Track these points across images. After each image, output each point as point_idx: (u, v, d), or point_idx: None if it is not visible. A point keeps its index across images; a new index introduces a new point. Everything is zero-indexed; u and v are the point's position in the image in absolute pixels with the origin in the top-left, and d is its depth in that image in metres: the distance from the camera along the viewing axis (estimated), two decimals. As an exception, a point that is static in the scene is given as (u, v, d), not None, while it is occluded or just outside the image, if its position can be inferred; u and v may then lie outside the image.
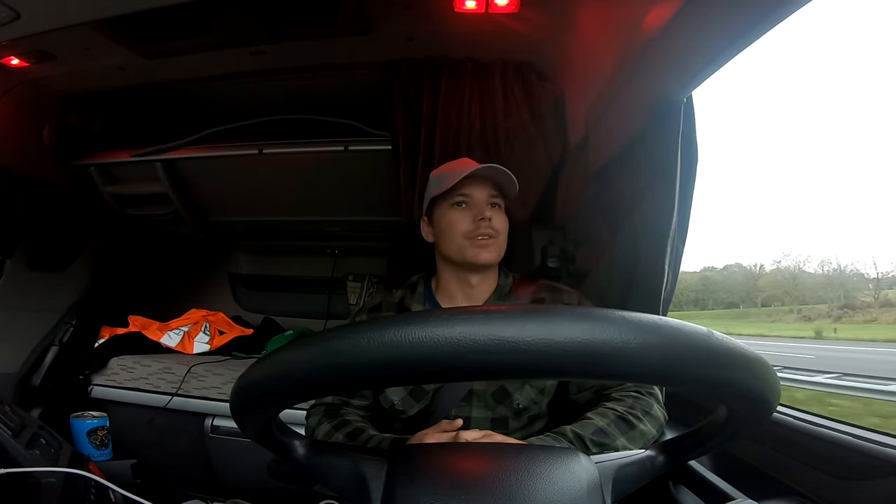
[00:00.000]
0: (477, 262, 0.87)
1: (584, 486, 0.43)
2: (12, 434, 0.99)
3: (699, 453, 0.50)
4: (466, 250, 0.87)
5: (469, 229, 0.87)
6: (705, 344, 0.32)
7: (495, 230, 0.88)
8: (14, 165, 1.62)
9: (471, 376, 0.32)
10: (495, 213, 0.89)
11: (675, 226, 0.85)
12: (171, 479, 1.64)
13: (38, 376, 1.66)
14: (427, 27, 1.29)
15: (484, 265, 0.88)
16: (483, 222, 0.86)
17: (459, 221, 0.88)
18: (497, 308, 0.31)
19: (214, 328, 1.96)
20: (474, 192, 0.89)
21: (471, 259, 0.87)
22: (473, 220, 0.87)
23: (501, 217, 0.90)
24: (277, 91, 1.62)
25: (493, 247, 0.88)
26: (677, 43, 0.77)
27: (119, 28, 1.29)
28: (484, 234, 0.86)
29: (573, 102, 1.31)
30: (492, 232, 0.87)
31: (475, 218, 0.87)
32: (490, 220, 0.87)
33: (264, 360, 0.36)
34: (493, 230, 0.87)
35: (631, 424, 0.73)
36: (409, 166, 1.47)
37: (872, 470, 0.58)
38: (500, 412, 0.85)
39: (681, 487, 0.76)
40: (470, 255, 0.87)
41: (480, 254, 0.87)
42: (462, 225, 0.88)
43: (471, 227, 0.87)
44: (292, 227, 2.05)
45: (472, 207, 0.88)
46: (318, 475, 0.47)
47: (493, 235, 0.87)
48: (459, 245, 0.88)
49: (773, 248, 58.91)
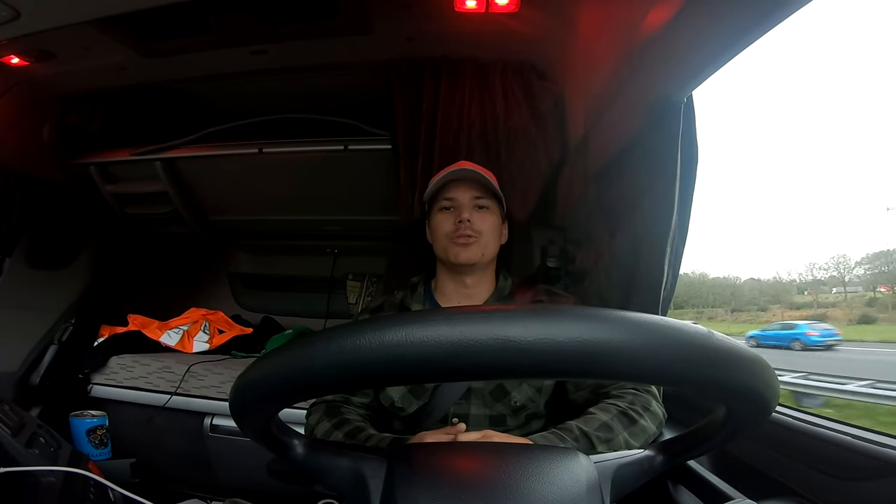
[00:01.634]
0: (457, 261, 0.91)
1: (584, 485, 0.43)
2: (11, 433, 0.98)
3: (698, 453, 0.50)
4: (448, 250, 0.91)
5: (450, 230, 0.91)
6: (705, 344, 0.32)
7: (476, 231, 0.91)
8: (14, 164, 1.62)
9: (471, 376, 0.32)
10: (479, 214, 0.92)
11: (674, 226, 0.85)
12: (171, 479, 1.64)
13: (38, 375, 1.65)
14: (427, 27, 1.29)
15: (464, 264, 0.91)
16: (462, 224, 0.90)
17: (443, 223, 0.93)
18: (498, 308, 0.31)
19: (214, 327, 1.96)
20: (458, 195, 0.93)
21: (452, 258, 0.91)
22: (455, 221, 0.91)
23: (486, 218, 0.93)
24: (277, 90, 1.62)
25: (474, 247, 0.91)
26: (677, 43, 0.77)
27: (119, 27, 1.29)
28: (462, 235, 0.90)
29: (573, 102, 1.31)
30: (471, 232, 0.90)
31: (456, 219, 0.91)
32: (470, 221, 0.90)
33: (264, 360, 0.36)
34: (472, 231, 0.90)
35: (632, 419, 0.74)
36: (408, 166, 1.47)
37: (872, 470, 0.58)
38: (498, 410, 0.85)
39: (680, 487, 0.76)
40: (451, 255, 0.91)
41: (460, 252, 0.90)
42: (445, 226, 0.92)
43: (452, 227, 0.91)
44: (292, 226, 2.05)
45: (456, 210, 0.93)
46: (318, 474, 0.47)
47: (472, 236, 0.90)
48: (443, 245, 0.92)
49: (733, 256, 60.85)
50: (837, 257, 25.38)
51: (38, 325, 1.71)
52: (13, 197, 1.62)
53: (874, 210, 56.79)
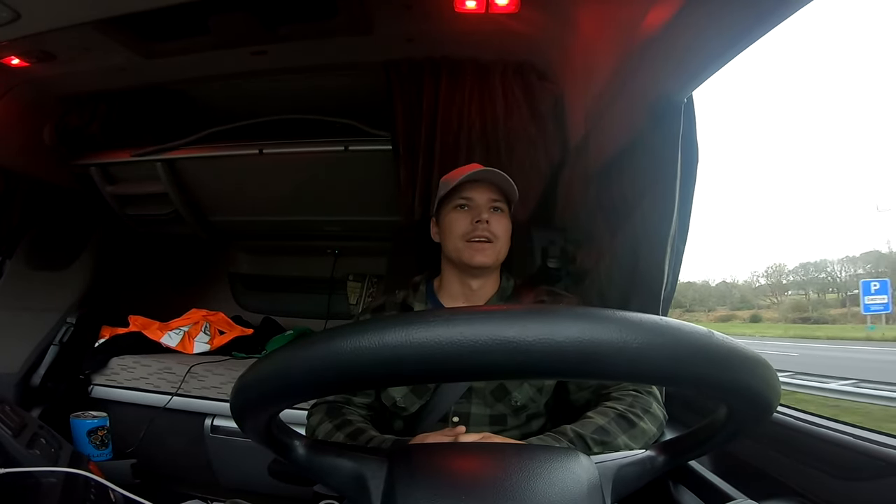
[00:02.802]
0: (472, 263, 0.89)
1: (585, 486, 0.42)
2: (12, 434, 0.98)
3: (700, 453, 0.50)
4: (462, 251, 0.89)
5: (466, 231, 0.89)
6: (706, 344, 0.32)
7: (493, 234, 0.89)
8: (15, 165, 1.62)
9: (471, 376, 0.32)
10: (496, 216, 0.90)
11: (675, 226, 0.85)
12: (171, 479, 1.64)
13: (39, 376, 1.65)
14: (427, 27, 1.29)
15: (479, 267, 0.90)
16: (480, 224, 0.88)
17: (458, 223, 0.90)
18: (498, 308, 0.31)
19: (214, 328, 1.96)
20: (475, 195, 0.91)
21: (466, 260, 0.89)
22: (471, 222, 0.89)
23: (502, 221, 0.91)
24: (277, 91, 1.62)
25: (490, 250, 0.89)
26: (677, 43, 0.77)
27: (119, 28, 1.29)
28: (480, 237, 0.88)
29: (573, 102, 1.31)
30: (489, 235, 0.88)
31: (473, 220, 0.89)
32: (488, 222, 0.88)
33: (264, 360, 0.36)
34: (489, 233, 0.88)
35: (631, 422, 0.74)
36: (409, 166, 1.47)
37: (872, 470, 0.58)
38: (499, 409, 0.85)
39: (681, 487, 0.76)
40: (465, 257, 0.89)
41: (475, 255, 0.88)
42: (461, 226, 0.90)
43: (468, 228, 0.89)
44: (292, 227, 2.05)
45: (472, 210, 0.90)
46: (319, 475, 0.47)
47: (489, 239, 0.89)
48: (457, 246, 0.90)
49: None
50: (775, 265, 28.11)
51: (39, 326, 1.71)
52: (14, 198, 1.62)
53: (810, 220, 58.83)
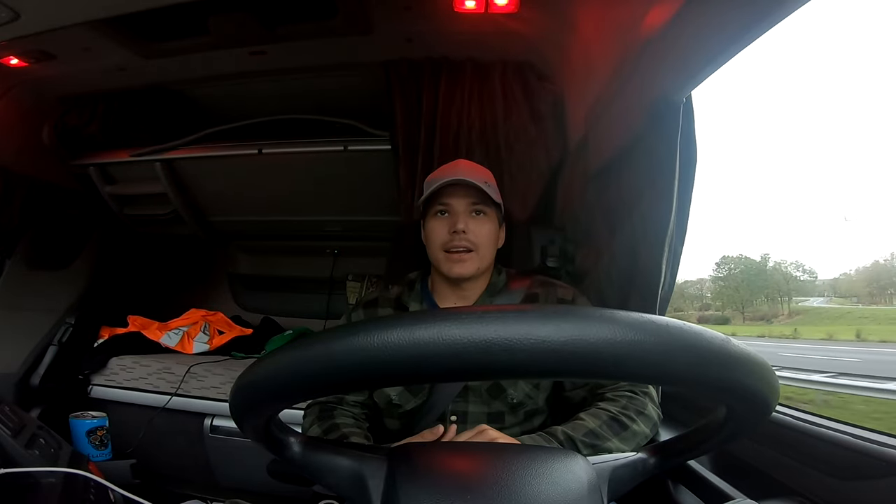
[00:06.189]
0: (450, 275, 0.86)
1: (585, 486, 0.43)
2: (11, 434, 0.98)
3: (697, 454, 0.50)
4: (442, 263, 0.87)
5: (445, 240, 0.86)
6: (704, 344, 0.32)
7: (472, 242, 0.85)
8: (14, 165, 1.62)
9: (470, 377, 0.32)
10: (476, 221, 0.87)
11: (673, 226, 0.85)
12: (171, 480, 1.64)
13: (38, 376, 1.65)
14: (427, 27, 1.29)
15: (457, 279, 0.87)
16: (457, 235, 0.85)
17: (437, 231, 0.87)
18: (498, 308, 0.31)
19: (214, 328, 1.96)
20: (454, 200, 0.87)
21: (445, 272, 0.87)
22: (449, 231, 0.86)
23: (484, 226, 0.87)
24: (277, 91, 1.62)
25: (469, 261, 0.86)
26: (677, 43, 0.77)
27: (119, 28, 1.29)
28: (459, 247, 0.85)
29: (573, 102, 1.31)
30: (468, 244, 0.85)
31: (450, 229, 0.86)
32: (464, 232, 0.85)
33: (263, 360, 0.36)
34: (469, 242, 0.85)
35: (624, 425, 0.74)
36: (408, 166, 1.47)
37: (872, 470, 0.58)
38: (496, 407, 0.85)
39: (680, 487, 0.76)
40: (444, 269, 0.87)
41: (453, 267, 0.86)
42: (439, 235, 0.87)
43: (447, 238, 0.86)
44: (292, 227, 2.05)
45: (451, 217, 0.87)
46: (318, 475, 0.47)
47: (469, 248, 0.85)
48: (437, 257, 0.88)
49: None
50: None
51: (38, 327, 1.71)
52: (13, 198, 1.62)
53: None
